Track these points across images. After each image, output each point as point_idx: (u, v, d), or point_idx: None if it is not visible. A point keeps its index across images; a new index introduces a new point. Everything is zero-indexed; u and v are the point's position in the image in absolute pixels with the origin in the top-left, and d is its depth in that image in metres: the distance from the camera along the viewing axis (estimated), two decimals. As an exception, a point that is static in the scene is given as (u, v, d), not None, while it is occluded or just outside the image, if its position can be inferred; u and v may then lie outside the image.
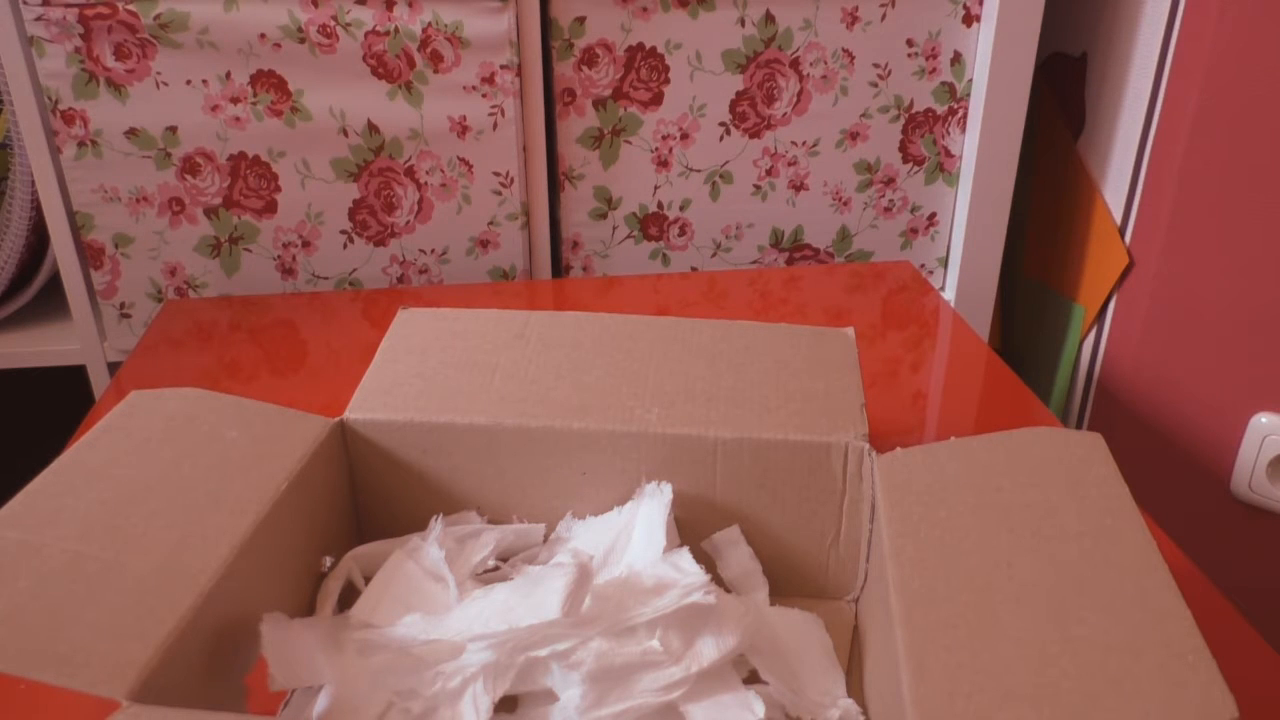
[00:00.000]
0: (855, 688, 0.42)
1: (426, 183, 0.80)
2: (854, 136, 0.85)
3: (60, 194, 0.76)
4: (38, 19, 0.70)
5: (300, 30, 0.73)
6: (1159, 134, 0.79)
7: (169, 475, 0.40)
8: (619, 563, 0.43)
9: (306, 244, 0.80)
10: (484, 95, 0.77)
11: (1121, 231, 0.84)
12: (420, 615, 0.40)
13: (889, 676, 0.34)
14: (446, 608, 0.41)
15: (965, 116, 0.85)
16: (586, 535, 0.46)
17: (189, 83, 0.74)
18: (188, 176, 0.77)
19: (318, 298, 0.79)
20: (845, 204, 0.87)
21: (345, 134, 0.77)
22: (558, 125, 0.80)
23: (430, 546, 0.44)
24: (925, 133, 0.85)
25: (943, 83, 0.84)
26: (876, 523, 0.42)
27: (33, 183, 0.76)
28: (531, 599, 0.38)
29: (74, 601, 0.33)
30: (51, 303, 0.85)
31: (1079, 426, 0.93)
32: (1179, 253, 0.79)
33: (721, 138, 0.83)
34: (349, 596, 0.43)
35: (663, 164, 0.83)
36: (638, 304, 0.77)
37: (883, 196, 0.87)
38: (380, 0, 0.73)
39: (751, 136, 0.83)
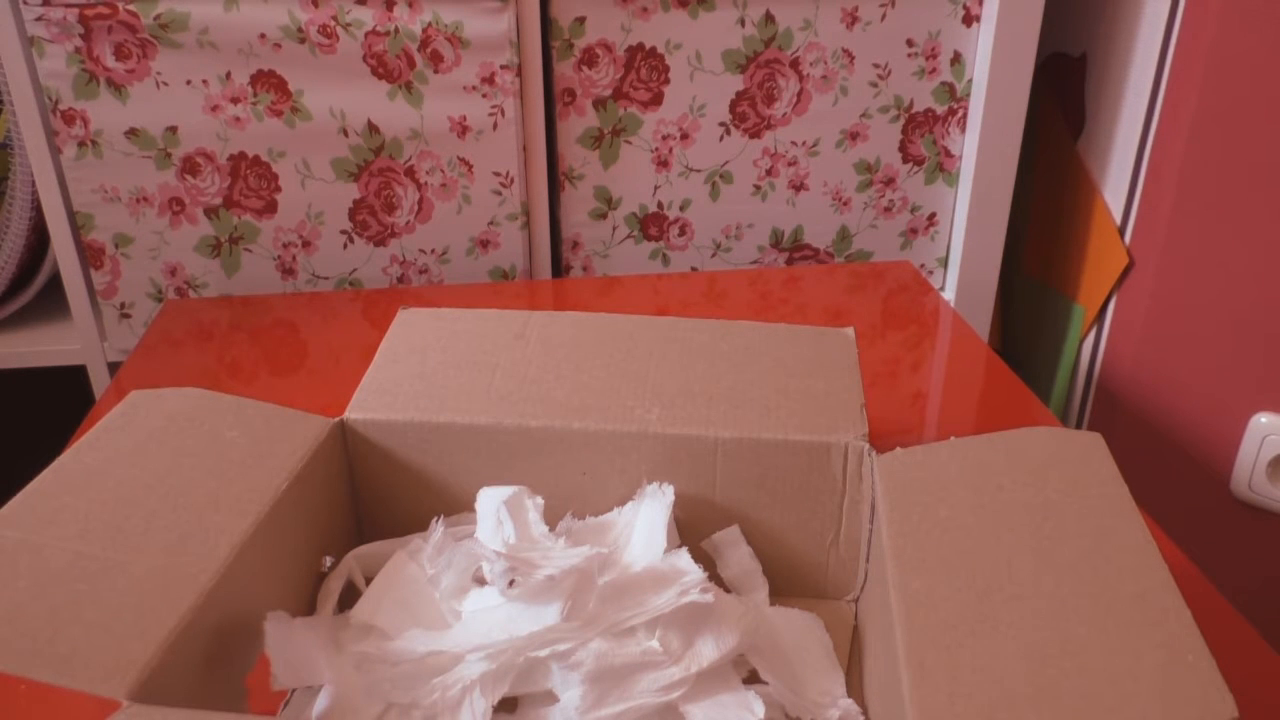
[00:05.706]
0: (855, 688, 0.42)
1: (426, 183, 0.80)
2: (854, 136, 0.85)
3: (60, 194, 0.76)
4: (38, 19, 0.70)
5: (300, 30, 0.73)
6: (1159, 134, 0.79)
7: (169, 475, 0.40)
8: (619, 563, 0.43)
9: (306, 244, 0.80)
10: (484, 95, 0.77)
11: (1121, 231, 0.84)
12: (421, 630, 0.40)
13: (889, 676, 0.34)
14: (446, 609, 0.41)
15: (965, 116, 0.85)
16: (586, 535, 0.46)
17: (189, 83, 0.74)
18: (188, 176, 0.77)
19: (318, 298, 0.79)
20: (845, 204, 0.87)
21: (345, 134, 0.77)
22: (558, 125, 0.80)
23: (431, 547, 0.44)
24: (925, 133, 0.85)
25: (943, 83, 0.84)
26: (876, 523, 0.42)
27: (33, 183, 0.76)
28: (532, 609, 0.38)
29: (74, 601, 0.33)
30: (51, 303, 0.85)
31: (1079, 426, 0.93)
32: (1179, 253, 0.79)
33: (721, 138, 0.83)
34: (349, 596, 0.44)
35: (663, 164, 0.83)
36: (638, 304, 0.77)
37: (883, 196, 0.87)
38: (380, 0, 0.73)
39: (751, 136, 0.83)
